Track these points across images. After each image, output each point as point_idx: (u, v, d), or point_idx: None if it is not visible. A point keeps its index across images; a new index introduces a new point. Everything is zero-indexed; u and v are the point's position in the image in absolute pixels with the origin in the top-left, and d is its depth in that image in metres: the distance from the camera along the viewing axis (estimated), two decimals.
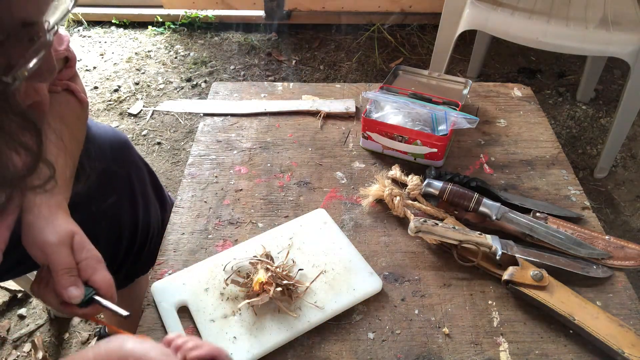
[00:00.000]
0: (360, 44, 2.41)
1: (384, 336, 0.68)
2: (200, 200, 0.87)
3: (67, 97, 0.73)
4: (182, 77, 2.20)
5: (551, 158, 0.96)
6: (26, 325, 1.33)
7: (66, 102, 0.73)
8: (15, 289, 1.38)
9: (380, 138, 0.93)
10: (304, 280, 0.72)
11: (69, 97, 0.74)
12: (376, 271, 0.74)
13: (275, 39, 2.45)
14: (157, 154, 1.86)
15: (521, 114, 1.06)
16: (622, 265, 0.77)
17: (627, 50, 1.41)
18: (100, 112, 2.03)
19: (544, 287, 0.70)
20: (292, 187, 0.90)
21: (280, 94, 1.12)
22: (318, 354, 0.66)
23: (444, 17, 1.68)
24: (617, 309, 0.71)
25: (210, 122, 1.04)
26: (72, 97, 0.74)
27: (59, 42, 0.68)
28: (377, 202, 0.86)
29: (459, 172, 0.90)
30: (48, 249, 0.53)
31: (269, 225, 0.83)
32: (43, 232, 0.54)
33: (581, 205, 0.87)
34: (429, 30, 2.45)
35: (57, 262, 0.53)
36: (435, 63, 1.78)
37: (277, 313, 0.68)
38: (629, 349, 0.64)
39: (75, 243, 0.56)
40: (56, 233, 0.54)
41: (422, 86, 1.05)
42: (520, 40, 1.50)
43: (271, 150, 0.97)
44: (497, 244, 0.74)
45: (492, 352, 0.66)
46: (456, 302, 0.72)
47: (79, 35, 2.45)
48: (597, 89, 2.12)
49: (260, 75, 2.22)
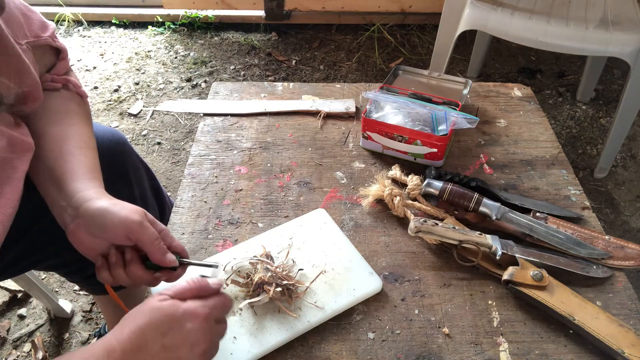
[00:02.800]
0: (360, 44, 2.41)
1: (384, 336, 0.68)
2: (200, 200, 0.87)
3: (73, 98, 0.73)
4: (182, 77, 2.20)
5: (551, 158, 0.96)
6: (26, 325, 1.33)
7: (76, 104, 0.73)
8: (15, 289, 1.38)
9: (380, 138, 0.93)
10: (304, 280, 0.72)
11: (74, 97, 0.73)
12: (376, 271, 0.74)
13: (275, 39, 2.45)
14: (157, 154, 1.86)
15: (521, 114, 1.06)
16: (622, 265, 0.77)
17: (627, 50, 1.41)
18: (100, 112, 2.03)
19: (544, 287, 0.70)
20: (292, 187, 0.90)
21: (280, 94, 1.12)
22: (318, 354, 0.66)
23: (444, 17, 1.68)
24: (617, 309, 0.71)
25: (210, 122, 1.04)
26: (76, 97, 0.74)
27: (42, 28, 0.67)
28: (377, 202, 0.86)
29: (459, 172, 0.90)
30: (135, 227, 0.56)
31: (269, 225, 0.83)
32: (120, 214, 0.56)
33: (581, 205, 0.87)
34: (429, 30, 2.45)
35: (148, 236, 0.56)
36: (435, 63, 1.78)
37: (277, 313, 0.68)
38: (629, 349, 0.64)
39: (149, 219, 0.59)
40: (136, 212, 0.57)
41: (422, 86, 1.05)
42: (520, 40, 1.50)
43: (271, 150, 0.97)
44: (497, 244, 0.74)
45: (492, 352, 0.66)
46: (456, 302, 0.72)
47: (79, 35, 2.45)
48: (597, 89, 2.12)
49: (260, 75, 2.22)
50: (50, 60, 0.72)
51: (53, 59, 0.72)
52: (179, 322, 0.49)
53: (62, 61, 0.72)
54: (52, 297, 1.28)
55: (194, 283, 0.54)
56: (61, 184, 0.60)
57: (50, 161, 0.63)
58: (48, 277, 1.45)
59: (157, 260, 0.57)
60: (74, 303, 1.38)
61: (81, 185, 0.60)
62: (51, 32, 0.69)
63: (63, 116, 0.69)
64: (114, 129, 0.90)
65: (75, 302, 1.39)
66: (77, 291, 1.42)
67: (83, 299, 1.40)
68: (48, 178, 0.62)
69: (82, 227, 0.57)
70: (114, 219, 0.56)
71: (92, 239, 0.57)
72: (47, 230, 0.80)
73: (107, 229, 0.56)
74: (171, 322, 0.49)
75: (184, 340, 0.49)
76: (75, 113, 0.71)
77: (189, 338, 0.49)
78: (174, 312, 0.50)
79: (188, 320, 0.50)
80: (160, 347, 0.48)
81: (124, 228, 0.56)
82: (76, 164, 0.63)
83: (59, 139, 0.65)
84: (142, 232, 0.56)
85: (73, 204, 0.58)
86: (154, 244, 0.57)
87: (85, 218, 0.57)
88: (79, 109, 0.73)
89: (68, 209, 0.59)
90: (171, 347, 0.49)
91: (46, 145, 0.64)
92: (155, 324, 0.49)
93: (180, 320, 0.49)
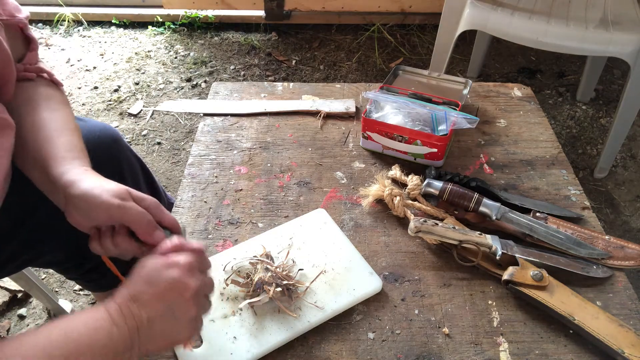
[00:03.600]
0: (360, 44, 2.41)
1: (384, 336, 0.68)
2: (200, 200, 0.87)
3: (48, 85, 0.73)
4: (182, 77, 2.20)
5: (551, 158, 0.96)
6: (26, 325, 1.33)
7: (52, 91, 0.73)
8: (15, 288, 1.38)
9: (380, 138, 0.93)
10: (304, 280, 0.72)
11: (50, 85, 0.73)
12: (376, 271, 0.74)
13: (275, 39, 2.44)
14: (157, 154, 1.86)
15: (521, 114, 1.06)
16: (622, 265, 0.77)
17: (627, 50, 1.41)
18: (100, 112, 2.03)
19: (544, 287, 0.70)
20: (292, 187, 0.90)
21: (280, 94, 1.12)
22: (318, 354, 0.66)
23: (444, 17, 1.68)
24: (617, 309, 0.71)
25: (210, 122, 1.04)
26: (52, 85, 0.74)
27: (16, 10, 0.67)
28: (377, 202, 0.86)
29: (459, 172, 0.90)
30: (115, 212, 0.56)
31: (269, 225, 0.83)
32: (100, 199, 0.56)
33: (581, 205, 0.87)
34: (429, 30, 2.45)
35: (134, 215, 0.57)
36: (435, 63, 1.78)
37: (277, 313, 0.68)
38: (629, 349, 0.64)
39: (134, 196, 0.59)
40: (115, 194, 0.57)
41: (422, 86, 1.05)
42: (520, 40, 1.50)
43: (271, 150, 0.97)
44: (497, 244, 0.74)
45: (492, 352, 0.66)
46: (456, 302, 0.72)
47: (79, 35, 2.45)
48: (597, 89, 2.12)
49: (260, 75, 2.22)
50: (20, 50, 0.71)
51: (23, 49, 0.71)
52: (161, 271, 0.53)
53: (32, 52, 0.72)
54: (52, 297, 1.28)
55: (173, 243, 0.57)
56: (46, 169, 0.61)
57: (34, 150, 0.63)
58: (48, 277, 1.45)
59: (144, 238, 0.58)
60: (74, 303, 1.38)
61: (63, 168, 0.60)
62: (25, 16, 0.68)
63: (40, 103, 0.69)
64: (106, 124, 0.89)
65: (75, 302, 1.39)
66: (77, 291, 1.42)
67: (83, 299, 1.40)
68: (35, 166, 0.63)
69: (72, 209, 0.58)
70: (95, 203, 0.56)
71: (82, 219, 0.58)
72: (42, 224, 0.80)
73: (91, 213, 0.57)
74: (154, 272, 0.53)
75: (170, 286, 0.52)
76: (52, 100, 0.71)
77: (175, 283, 0.52)
78: (156, 263, 0.53)
79: (169, 267, 0.53)
80: (150, 295, 0.51)
81: (105, 212, 0.56)
82: (56, 148, 0.63)
83: (38, 126, 0.65)
84: (124, 214, 0.57)
85: (60, 190, 0.59)
86: (138, 223, 0.57)
87: (71, 202, 0.58)
88: (57, 96, 0.73)
89: (59, 194, 0.59)
90: (159, 294, 0.51)
91: (28, 135, 0.64)
92: (142, 276, 0.53)
93: (161, 269, 0.53)
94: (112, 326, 0.48)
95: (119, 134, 0.90)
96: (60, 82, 0.76)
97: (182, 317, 0.52)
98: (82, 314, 0.50)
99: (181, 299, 0.52)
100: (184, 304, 0.52)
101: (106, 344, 0.47)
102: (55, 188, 0.60)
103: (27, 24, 0.69)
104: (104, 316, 0.49)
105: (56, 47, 2.36)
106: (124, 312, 0.50)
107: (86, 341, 0.47)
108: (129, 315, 0.50)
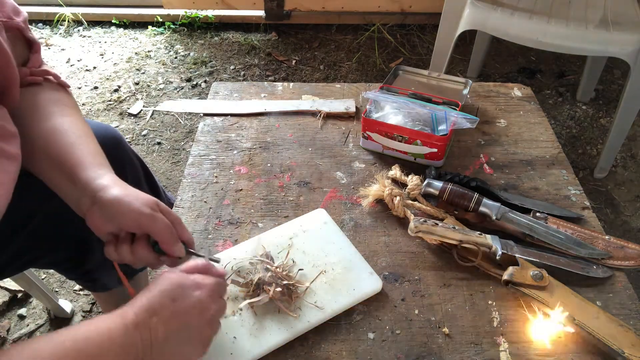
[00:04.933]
0: (360, 44, 2.40)
1: (384, 336, 0.68)
2: (200, 200, 0.87)
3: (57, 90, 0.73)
4: (182, 77, 2.20)
5: (551, 158, 0.96)
6: (26, 325, 1.33)
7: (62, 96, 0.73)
8: (15, 288, 1.38)
9: (380, 138, 0.93)
10: (304, 280, 0.72)
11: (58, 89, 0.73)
12: (376, 271, 0.74)
13: (275, 39, 2.44)
14: (157, 154, 1.86)
15: (521, 114, 1.06)
16: (622, 265, 0.77)
17: (627, 50, 1.41)
18: (100, 112, 2.03)
19: (544, 287, 0.70)
20: (292, 187, 0.90)
21: (280, 94, 1.12)
22: (318, 354, 0.66)
23: (444, 17, 1.68)
24: (617, 309, 0.71)
25: (210, 122, 1.04)
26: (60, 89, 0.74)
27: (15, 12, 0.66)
28: (377, 202, 0.86)
29: (459, 172, 0.90)
30: (145, 220, 0.58)
31: (269, 225, 0.83)
32: (132, 206, 0.58)
33: (581, 205, 0.87)
34: (429, 30, 2.45)
35: (159, 227, 0.59)
36: (435, 63, 1.78)
37: (277, 313, 0.68)
38: (629, 349, 0.64)
39: (162, 208, 0.61)
40: (146, 204, 0.59)
41: (422, 86, 1.05)
42: (520, 40, 1.50)
43: (271, 150, 0.97)
44: (497, 244, 0.74)
45: (492, 352, 0.66)
46: (456, 302, 0.72)
47: (79, 35, 2.45)
48: (597, 89, 2.12)
49: (260, 75, 2.22)
50: (23, 53, 0.70)
51: (26, 52, 0.70)
52: (187, 289, 0.53)
53: (35, 54, 0.71)
54: (52, 297, 1.28)
55: (201, 264, 0.58)
56: (73, 176, 0.61)
57: (58, 156, 0.64)
58: (48, 277, 1.45)
59: (167, 249, 0.60)
60: (74, 303, 1.38)
61: (92, 173, 0.61)
62: (23, 18, 0.68)
63: (55, 109, 0.69)
64: (108, 125, 0.89)
65: (76, 302, 1.39)
66: (77, 291, 1.42)
67: (83, 299, 1.40)
68: (59, 173, 0.63)
69: (97, 212, 0.59)
70: (126, 210, 0.58)
71: (107, 223, 0.59)
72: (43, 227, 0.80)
73: (120, 219, 0.58)
74: (180, 289, 0.53)
75: (193, 306, 0.53)
76: (65, 104, 0.71)
77: (198, 304, 0.53)
78: (183, 280, 0.54)
79: (196, 288, 0.54)
80: (171, 312, 0.51)
81: (135, 220, 0.58)
82: (83, 154, 0.64)
83: (59, 132, 0.66)
84: (153, 224, 0.58)
85: (88, 193, 0.60)
86: (164, 234, 0.59)
87: (100, 206, 0.59)
88: (67, 100, 0.73)
89: (83, 198, 0.60)
90: (181, 313, 0.52)
91: (50, 140, 0.65)
92: (166, 291, 0.53)
93: (188, 288, 0.54)
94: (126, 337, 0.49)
95: (121, 135, 0.90)
96: (67, 84, 0.75)
97: (197, 337, 0.53)
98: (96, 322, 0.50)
99: (201, 320, 0.53)
100: (202, 326, 0.54)
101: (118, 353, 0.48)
102: (78, 191, 0.60)
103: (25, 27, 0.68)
104: (119, 326, 0.49)
105: (56, 47, 2.36)
106: (140, 324, 0.50)
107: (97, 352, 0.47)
108: (145, 327, 0.50)
